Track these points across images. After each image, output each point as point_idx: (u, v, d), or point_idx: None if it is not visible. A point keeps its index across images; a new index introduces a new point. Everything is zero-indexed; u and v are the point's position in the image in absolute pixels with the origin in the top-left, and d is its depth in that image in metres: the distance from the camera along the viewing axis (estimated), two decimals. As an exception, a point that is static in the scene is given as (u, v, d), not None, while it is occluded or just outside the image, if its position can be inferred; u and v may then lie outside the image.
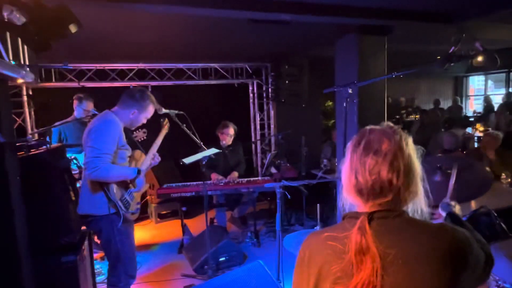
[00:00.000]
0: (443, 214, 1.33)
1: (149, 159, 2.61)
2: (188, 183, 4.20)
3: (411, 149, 0.97)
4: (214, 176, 4.27)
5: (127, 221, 2.37)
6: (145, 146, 2.77)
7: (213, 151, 3.09)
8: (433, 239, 0.89)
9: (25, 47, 1.56)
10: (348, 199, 1.01)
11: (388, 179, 0.93)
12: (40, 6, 1.08)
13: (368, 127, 1.02)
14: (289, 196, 2.55)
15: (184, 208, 4.19)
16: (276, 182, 2.57)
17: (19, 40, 1.33)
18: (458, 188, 1.49)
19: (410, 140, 0.99)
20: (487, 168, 2.03)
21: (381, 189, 0.94)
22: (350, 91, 2.17)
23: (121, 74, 5.05)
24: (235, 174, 4.34)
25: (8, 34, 1.21)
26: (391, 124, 1.02)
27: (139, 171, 2.41)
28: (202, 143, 3.06)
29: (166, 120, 2.86)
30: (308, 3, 2.52)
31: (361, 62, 3.02)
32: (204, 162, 2.96)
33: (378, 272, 0.89)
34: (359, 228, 0.94)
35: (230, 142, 4.43)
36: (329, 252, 0.95)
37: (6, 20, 1.16)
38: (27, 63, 1.56)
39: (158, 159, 2.65)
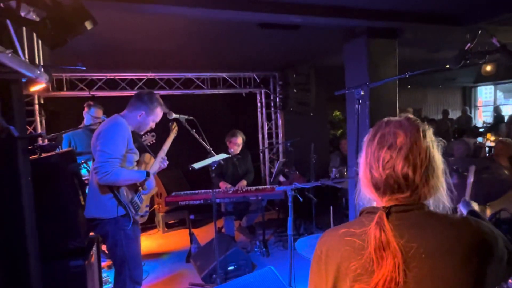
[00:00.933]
0: (464, 211, 1.28)
1: (158, 162, 2.61)
2: (196, 191, 4.18)
3: (430, 142, 0.93)
4: (223, 185, 4.25)
5: (136, 223, 2.34)
6: (154, 150, 2.77)
7: (222, 156, 3.09)
8: (457, 231, 0.86)
9: (40, 48, 1.57)
10: (365, 194, 0.98)
11: (404, 174, 0.90)
12: (57, 3, 1.08)
13: (385, 119, 0.98)
14: (300, 199, 2.51)
15: (192, 217, 4.14)
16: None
17: (35, 38, 1.34)
18: (476, 189, 1.44)
19: (429, 132, 0.95)
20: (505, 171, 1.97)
21: (398, 185, 0.90)
22: (362, 92, 2.14)
23: (131, 84, 5.11)
24: (244, 182, 4.31)
25: (24, 31, 1.22)
26: (409, 115, 0.98)
27: (148, 174, 2.40)
28: (211, 149, 3.06)
29: (175, 124, 2.88)
30: (318, 5, 2.53)
31: (371, 66, 3.01)
32: (213, 168, 2.95)
33: (400, 267, 0.85)
34: (377, 222, 0.90)
35: (238, 151, 4.43)
36: (347, 249, 0.92)
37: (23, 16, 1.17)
38: (41, 63, 1.58)
39: (166, 162, 2.65)
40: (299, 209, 2.95)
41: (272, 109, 6.15)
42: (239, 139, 4.35)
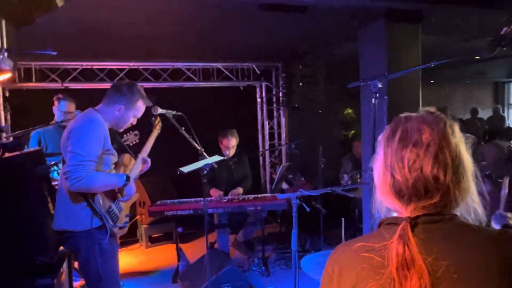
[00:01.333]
0: (497, 227, 1.27)
1: (139, 164, 2.58)
2: (185, 200, 4.17)
3: (459, 138, 0.92)
4: (214, 192, 4.24)
5: (113, 236, 2.31)
6: (135, 151, 2.75)
7: (216, 158, 3.07)
8: (496, 247, 0.84)
9: (4, 28, 1.54)
10: (384, 202, 0.96)
11: (434, 176, 0.88)
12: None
13: (403, 115, 0.96)
14: (307, 209, 2.48)
15: (179, 229, 4.11)
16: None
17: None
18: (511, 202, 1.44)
19: (456, 127, 0.94)
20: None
21: (426, 189, 0.88)
22: (379, 85, 2.12)
23: (111, 74, 5.10)
24: (240, 190, 4.32)
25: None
26: (431, 109, 0.96)
27: (128, 178, 2.37)
28: (203, 150, 3.04)
29: (158, 119, 2.86)
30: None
31: (391, 54, 3.00)
32: (205, 172, 2.93)
33: (427, 290, 0.82)
34: (400, 236, 0.88)
35: (232, 154, 4.43)
36: (364, 266, 0.90)
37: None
38: (4, 47, 1.55)
39: (148, 164, 2.63)
40: (305, 221, 2.92)
41: (274, 105, 6.15)
42: (232, 141, 4.37)
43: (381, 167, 0.94)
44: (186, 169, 2.94)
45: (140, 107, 2.44)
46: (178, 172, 2.93)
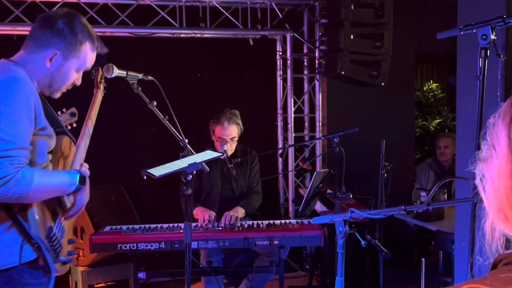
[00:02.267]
0: None
1: (83, 153, 2.60)
2: (153, 226, 4.17)
3: None
4: (202, 214, 4.24)
5: (51, 278, 2.34)
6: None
7: (209, 155, 3.11)
8: None
9: None
10: (505, 229, 1.01)
11: None
12: None
13: None
14: (362, 242, 2.49)
15: (141, 275, 4.10)
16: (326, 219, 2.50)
17: None
18: None
19: None
20: None
21: None
22: (491, 36, 2.13)
23: (30, 11, 5.11)
24: (239, 211, 4.39)
25: None
26: None
27: (82, 178, 2.38)
28: (187, 141, 3.08)
29: (100, 71, 2.87)
30: None
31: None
32: (189, 178, 2.93)
33: None
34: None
35: (231, 151, 4.48)
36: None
37: None
38: None
39: (86, 171, 2.59)
40: (352, 265, 2.84)
41: (306, 72, 6.15)
42: (232, 130, 4.45)
43: (503, 168, 0.99)
44: (157, 171, 2.96)
45: (88, 55, 2.46)
46: (144, 177, 2.94)
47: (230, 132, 4.43)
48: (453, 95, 3.88)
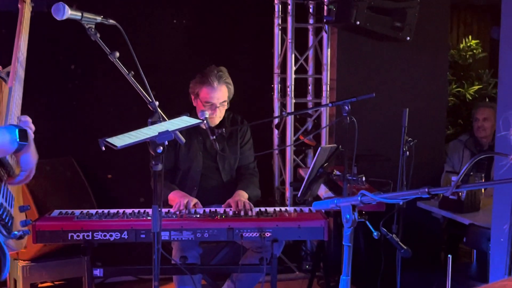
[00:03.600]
0: None
1: (15, 108, 2.58)
2: (113, 211, 4.18)
3: None
4: (178, 198, 4.27)
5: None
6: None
7: (185, 122, 3.14)
8: None
9: None
10: None
11: None
12: None
13: None
14: (375, 233, 2.56)
15: (97, 272, 4.12)
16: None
17: None
18: None
19: None
20: None
21: None
22: None
23: None
24: (243, 195, 4.46)
25: None
26: None
27: (23, 133, 2.35)
28: (157, 103, 3.09)
29: None
30: None
31: None
32: (159, 151, 2.95)
33: None
34: None
35: (218, 120, 4.50)
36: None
37: None
38: None
39: (29, 124, 2.59)
40: (362, 265, 2.84)
41: (311, 21, 6.13)
42: (220, 92, 4.49)
43: None
44: (120, 141, 2.96)
45: None
46: (103, 148, 2.94)
47: (221, 95, 4.44)
48: (497, 55, 3.86)
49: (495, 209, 3.73)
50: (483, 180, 4.79)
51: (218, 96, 4.41)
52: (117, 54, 2.98)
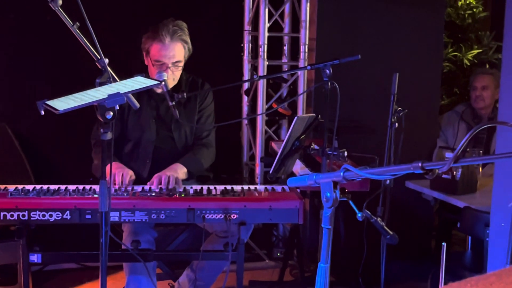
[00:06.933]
0: None
1: None
2: (54, 187, 4.16)
3: None
4: (114, 173, 4.22)
5: None
6: None
7: (140, 83, 3.12)
8: None
9: None
10: None
11: None
12: None
13: None
14: (359, 214, 2.61)
15: (35, 258, 4.07)
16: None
17: None
18: None
19: None
20: None
21: None
22: None
23: None
24: (182, 171, 4.50)
25: None
26: None
27: None
28: (107, 61, 3.09)
29: None
30: None
31: None
32: (108, 117, 2.95)
33: None
34: None
35: (175, 82, 4.52)
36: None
37: None
38: None
39: None
40: (342, 253, 2.81)
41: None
42: (175, 49, 4.51)
43: None
44: (62, 104, 2.95)
45: None
46: (42, 112, 2.95)
47: (174, 53, 4.42)
48: (500, 14, 3.85)
49: (495, 189, 3.76)
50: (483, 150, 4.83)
51: (170, 54, 4.41)
52: (60, 1, 2.98)
